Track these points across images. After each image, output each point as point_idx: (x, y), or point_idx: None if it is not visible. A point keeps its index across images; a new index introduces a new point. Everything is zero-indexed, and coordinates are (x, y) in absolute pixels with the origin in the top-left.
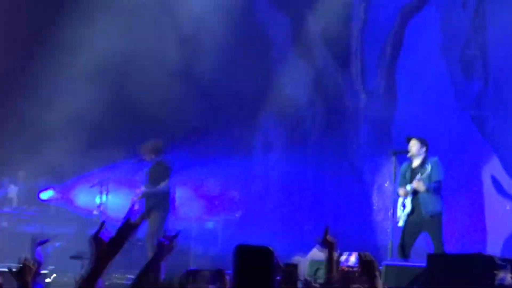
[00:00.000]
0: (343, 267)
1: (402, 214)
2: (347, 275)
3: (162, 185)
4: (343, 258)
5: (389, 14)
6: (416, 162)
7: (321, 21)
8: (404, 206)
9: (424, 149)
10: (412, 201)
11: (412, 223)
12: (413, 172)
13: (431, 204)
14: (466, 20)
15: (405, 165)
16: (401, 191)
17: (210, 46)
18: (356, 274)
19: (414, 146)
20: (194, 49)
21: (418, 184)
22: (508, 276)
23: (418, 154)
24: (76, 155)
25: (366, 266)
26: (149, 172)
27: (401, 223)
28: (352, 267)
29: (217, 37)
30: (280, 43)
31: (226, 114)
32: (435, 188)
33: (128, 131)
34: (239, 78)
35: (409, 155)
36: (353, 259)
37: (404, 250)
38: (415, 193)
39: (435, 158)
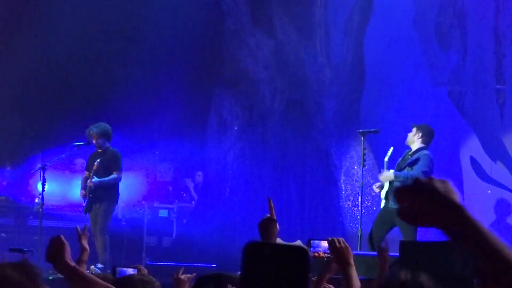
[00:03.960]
0: (316, 253)
1: (382, 199)
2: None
3: (114, 174)
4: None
5: None
6: (411, 150)
7: None
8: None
9: (418, 136)
10: (387, 190)
11: (384, 213)
12: (403, 160)
13: None
14: None
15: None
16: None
17: (155, 15)
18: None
19: (410, 133)
20: (139, 19)
21: (382, 176)
22: None
23: (412, 142)
24: (13, 139)
25: (340, 253)
26: (98, 159)
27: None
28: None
29: (163, 4)
30: (235, 12)
31: (176, 92)
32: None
33: (69, 113)
34: (189, 52)
35: (406, 142)
36: (324, 245)
37: (371, 240)
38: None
39: (426, 151)
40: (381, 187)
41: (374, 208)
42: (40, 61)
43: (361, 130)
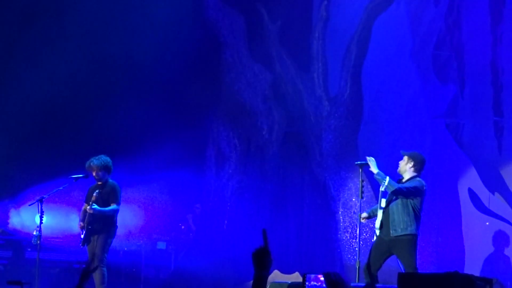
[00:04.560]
0: None
1: (376, 229)
2: None
3: (113, 207)
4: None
5: (353, 11)
6: (403, 179)
7: (278, 20)
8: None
9: (410, 165)
10: (382, 219)
11: (379, 242)
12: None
13: (402, 223)
14: (439, 17)
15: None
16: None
17: (153, 47)
18: None
19: (401, 162)
20: (137, 51)
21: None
22: None
23: (404, 171)
24: (7, 171)
25: (335, 286)
26: (97, 191)
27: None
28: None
29: (162, 36)
30: (233, 44)
31: (174, 124)
32: (404, 191)
33: (67, 145)
34: (187, 83)
35: (398, 170)
36: (321, 279)
37: (369, 270)
38: (385, 207)
39: (419, 179)
40: (367, 217)
41: (372, 240)
42: (37, 93)
43: (358, 162)
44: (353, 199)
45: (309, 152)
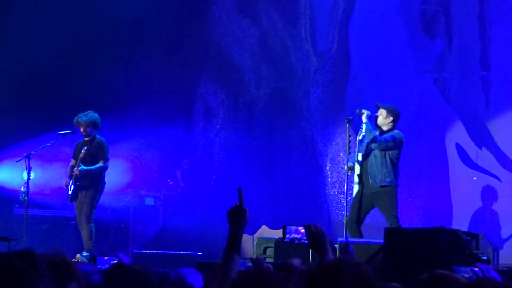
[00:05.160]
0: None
1: (355, 184)
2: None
3: (101, 164)
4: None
5: None
6: (381, 131)
7: None
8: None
9: (389, 120)
10: (360, 170)
11: (360, 194)
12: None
13: (381, 174)
14: None
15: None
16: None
17: (141, 4)
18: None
19: (380, 115)
20: (122, 8)
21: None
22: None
23: (383, 124)
24: None
25: (315, 238)
26: (85, 147)
27: (354, 192)
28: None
29: None
30: (220, 0)
31: (161, 80)
32: (384, 142)
33: (55, 101)
34: (174, 40)
35: (374, 123)
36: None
37: (351, 225)
38: (363, 160)
39: (397, 131)
40: (351, 168)
41: (352, 195)
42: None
43: (347, 118)
44: (341, 154)
45: (297, 107)
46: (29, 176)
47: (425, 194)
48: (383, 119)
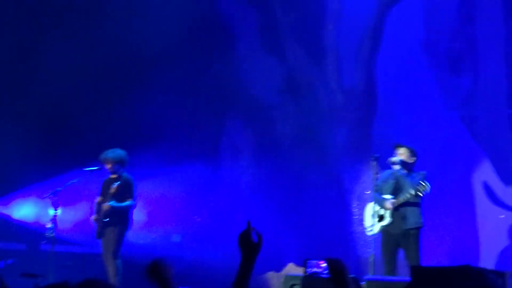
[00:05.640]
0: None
1: (376, 223)
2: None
3: (130, 202)
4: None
5: (366, 4)
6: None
7: (291, 12)
8: (378, 216)
9: (414, 159)
10: (393, 213)
11: (389, 237)
12: (398, 180)
13: (413, 217)
14: (453, 9)
15: (388, 171)
16: (388, 205)
17: (166, 40)
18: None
19: (403, 154)
20: (150, 45)
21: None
22: None
23: (408, 164)
24: (21, 164)
25: (336, 273)
26: (117, 183)
27: (374, 231)
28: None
29: (175, 30)
30: (246, 37)
31: (187, 117)
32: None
33: (80, 138)
34: (200, 77)
35: (393, 161)
36: (322, 265)
37: (389, 266)
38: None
39: (424, 172)
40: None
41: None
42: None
43: (373, 155)
44: (368, 192)
45: (323, 144)
46: (55, 212)
47: (452, 232)
48: (409, 157)
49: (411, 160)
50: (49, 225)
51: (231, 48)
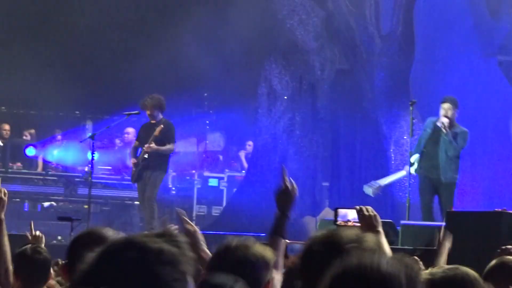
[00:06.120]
0: (344, 222)
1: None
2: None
3: (168, 147)
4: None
5: None
6: (445, 123)
7: None
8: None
9: (456, 111)
10: (424, 158)
11: (427, 183)
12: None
13: (450, 171)
14: None
15: (432, 119)
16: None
17: None
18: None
19: (450, 110)
20: None
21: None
22: None
23: (453, 119)
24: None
25: (368, 221)
26: (152, 130)
27: (412, 171)
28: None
29: None
30: None
31: (226, 61)
32: (460, 148)
33: (120, 84)
34: (239, 21)
35: (443, 115)
36: (353, 214)
37: (428, 208)
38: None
39: (467, 130)
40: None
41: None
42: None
43: (411, 100)
44: (405, 137)
45: (361, 90)
46: (93, 156)
47: (489, 177)
48: (452, 114)
49: (455, 115)
50: (86, 169)
51: None
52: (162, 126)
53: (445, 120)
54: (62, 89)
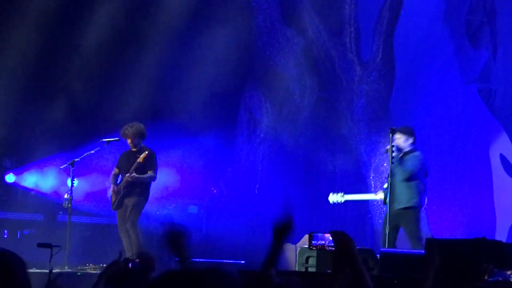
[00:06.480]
0: (320, 246)
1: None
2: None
3: (150, 174)
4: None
5: None
6: (387, 148)
7: None
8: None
9: (410, 141)
10: (386, 192)
11: (389, 215)
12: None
13: (405, 195)
14: None
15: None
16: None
17: (183, 11)
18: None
19: (399, 139)
20: (166, 15)
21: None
22: None
23: (404, 147)
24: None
25: (343, 245)
26: (133, 158)
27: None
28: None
29: (193, 1)
30: (265, 9)
31: (206, 88)
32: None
33: (100, 111)
34: (219, 48)
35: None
36: (328, 238)
37: (389, 243)
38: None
39: (417, 153)
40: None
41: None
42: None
43: (391, 128)
44: (384, 164)
45: (341, 117)
46: (72, 183)
47: (468, 205)
48: (403, 142)
49: (406, 143)
50: (66, 196)
51: (250, 20)
52: (146, 152)
53: (387, 147)
54: (39, 116)
